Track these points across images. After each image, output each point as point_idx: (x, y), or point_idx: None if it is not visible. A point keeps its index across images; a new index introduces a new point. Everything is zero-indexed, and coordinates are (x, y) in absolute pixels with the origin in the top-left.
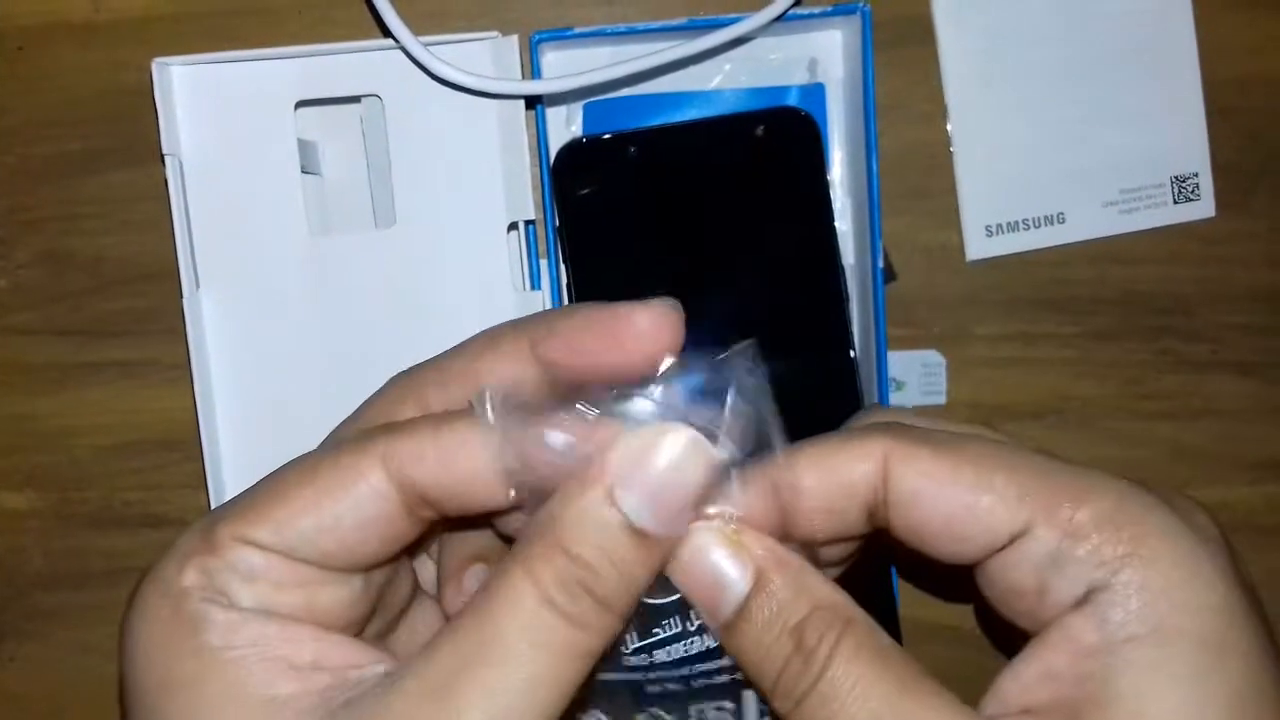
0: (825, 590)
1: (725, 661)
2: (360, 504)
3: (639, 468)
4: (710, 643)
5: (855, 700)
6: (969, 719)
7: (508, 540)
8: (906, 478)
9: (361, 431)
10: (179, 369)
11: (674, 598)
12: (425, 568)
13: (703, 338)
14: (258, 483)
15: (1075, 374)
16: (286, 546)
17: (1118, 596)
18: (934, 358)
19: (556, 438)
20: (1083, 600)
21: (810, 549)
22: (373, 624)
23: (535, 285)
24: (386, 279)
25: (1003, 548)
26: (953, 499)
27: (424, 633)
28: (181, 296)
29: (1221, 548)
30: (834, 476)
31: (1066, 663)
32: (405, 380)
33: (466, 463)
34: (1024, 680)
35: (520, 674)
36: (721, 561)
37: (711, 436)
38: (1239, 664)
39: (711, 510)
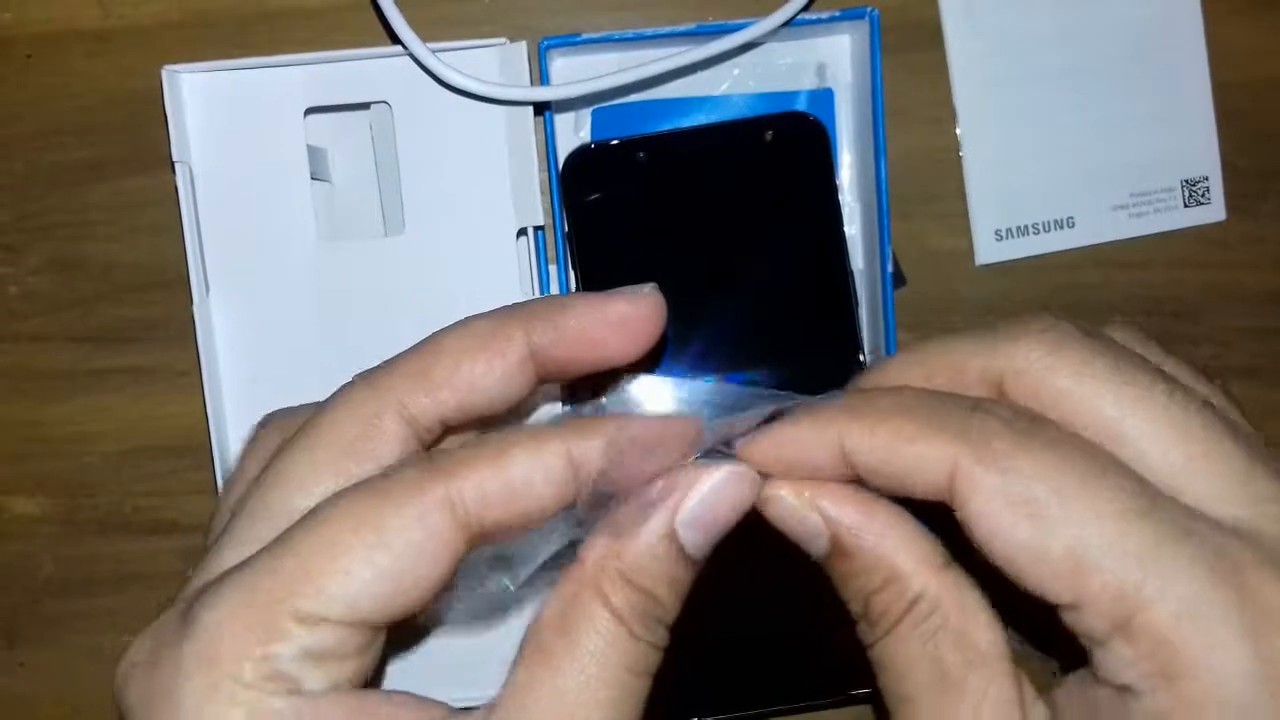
0: (891, 562)
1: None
2: (429, 556)
3: (705, 507)
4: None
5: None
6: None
7: None
8: (975, 500)
9: (408, 469)
10: (189, 375)
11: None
12: None
13: (712, 343)
14: (299, 532)
15: None
16: (356, 618)
17: (1145, 704)
18: None
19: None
20: (1120, 690)
21: None
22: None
23: (544, 291)
24: (396, 285)
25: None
26: (1007, 547)
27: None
28: (191, 303)
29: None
30: (897, 466)
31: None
32: (371, 391)
33: (534, 499)
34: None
35: (619, 698)
36: (802, 522)
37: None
38: None
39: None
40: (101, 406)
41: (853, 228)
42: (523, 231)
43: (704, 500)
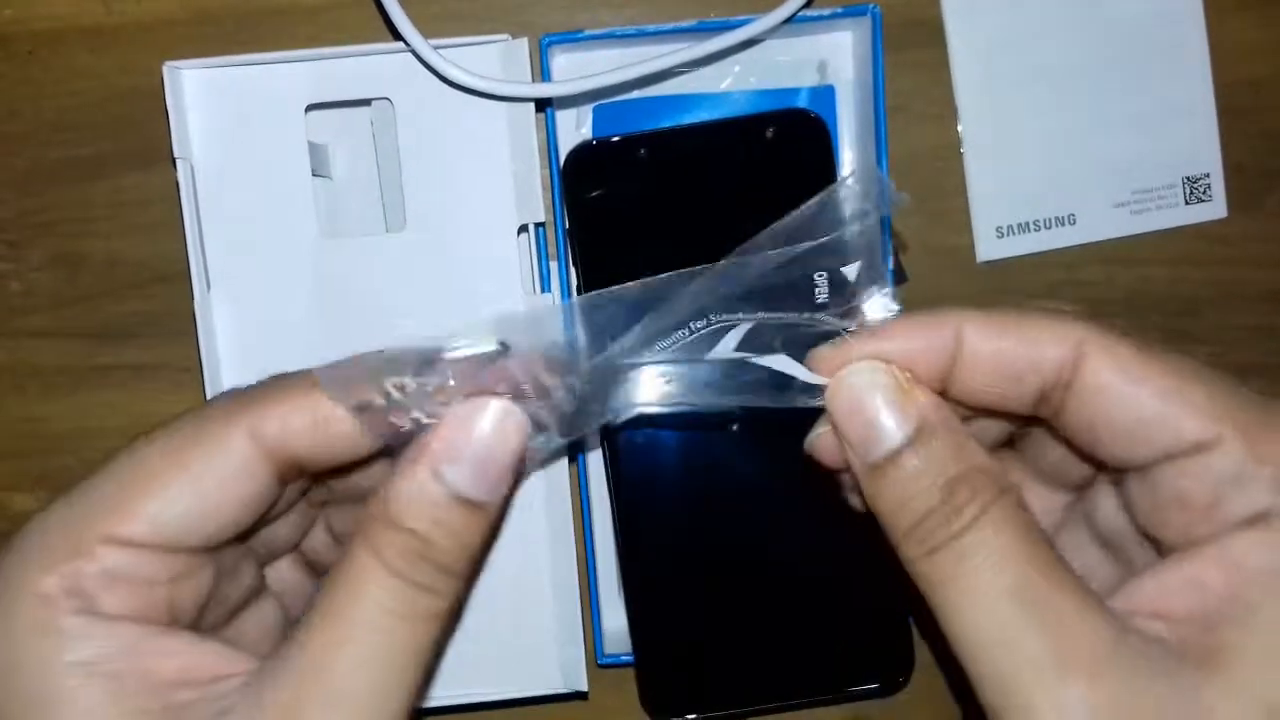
0: (984, 457)
1: None
2: (234, 480)
3: (460, 443)
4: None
5: (992, 566)
6: (1104, 619)
7: None
8: (1102, 370)
9: (219, 405)
10: (190, 371)
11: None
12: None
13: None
14: (108, 469)
15: None
16: (163, 540)
17: None
18: None
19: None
20: (1254, 521)
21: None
22: (211, 613)
23: (545, 288)
24: (397, 282)
25: (1181, 455)
26: (1145, 400)
27: (269, 627)
28: (193, 299)
29: None
30: (1022, 349)
31: (1218, 578)
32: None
33: (342, 433)
34: (1167, 584)
35: (383, 642)
36: (887, 405)
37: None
38: None
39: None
40: (103, 402)
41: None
42: (524, 228)
43: (462, 439)
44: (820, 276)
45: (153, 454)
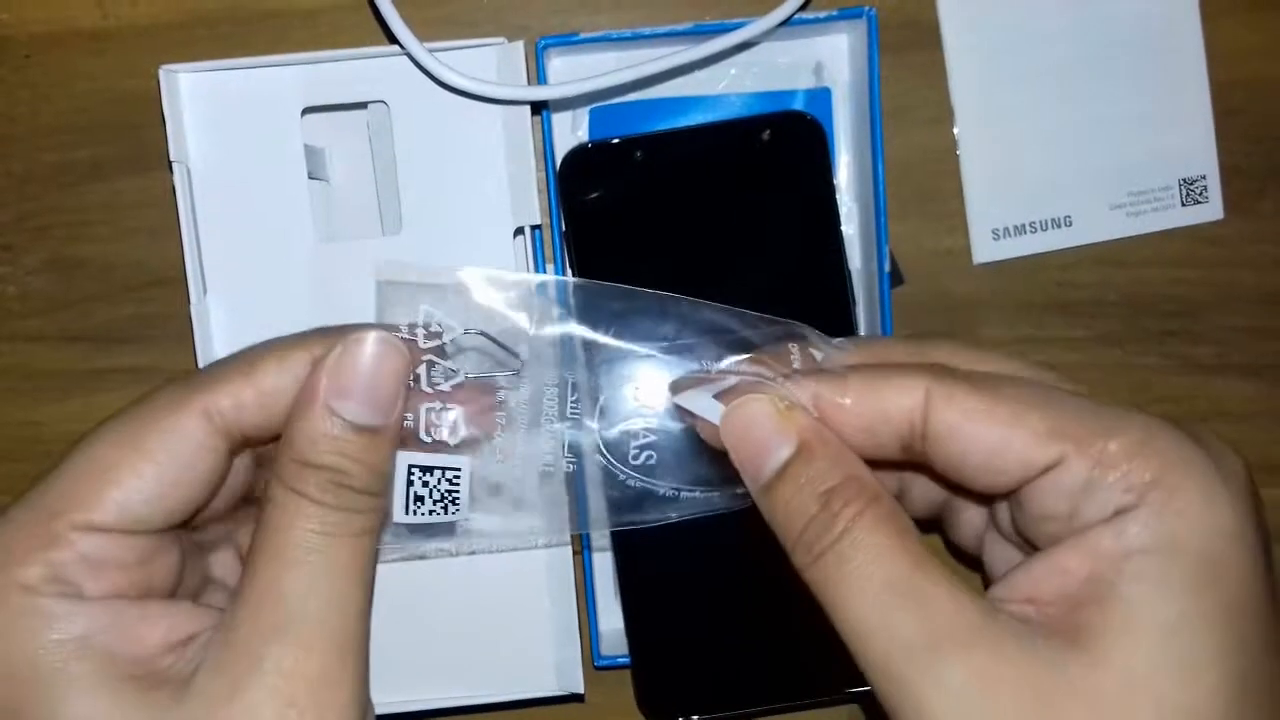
0: (859, 468)
1: None
2: (192, 461)
3: (346, 377)
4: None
5: (869, 564)
6: (973, 600)
7: None
8: (946, 414)
9: (165, 394)
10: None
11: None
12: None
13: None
14: (65, 466)
15: (1083, 377)
16: (130, 523)
17: (1140, 515)
18: None
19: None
20: (1109, 519)
21: None
22: (187, 583)
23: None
24: None
25: (1036, 477)
26: (989, 435)
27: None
28: (189, 302)
29: (1244, 487)
30: (876, 403)
31: (1078, 564)
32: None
33: (282, 395)
34: (1034, 574)
35: (322, 561)
36: (771, 428)
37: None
38: (1236, 584)
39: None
40: (100, 406)
41: (850, 227)
42: (520, 230)
43: (347, 373)
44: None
45: (107, 445)
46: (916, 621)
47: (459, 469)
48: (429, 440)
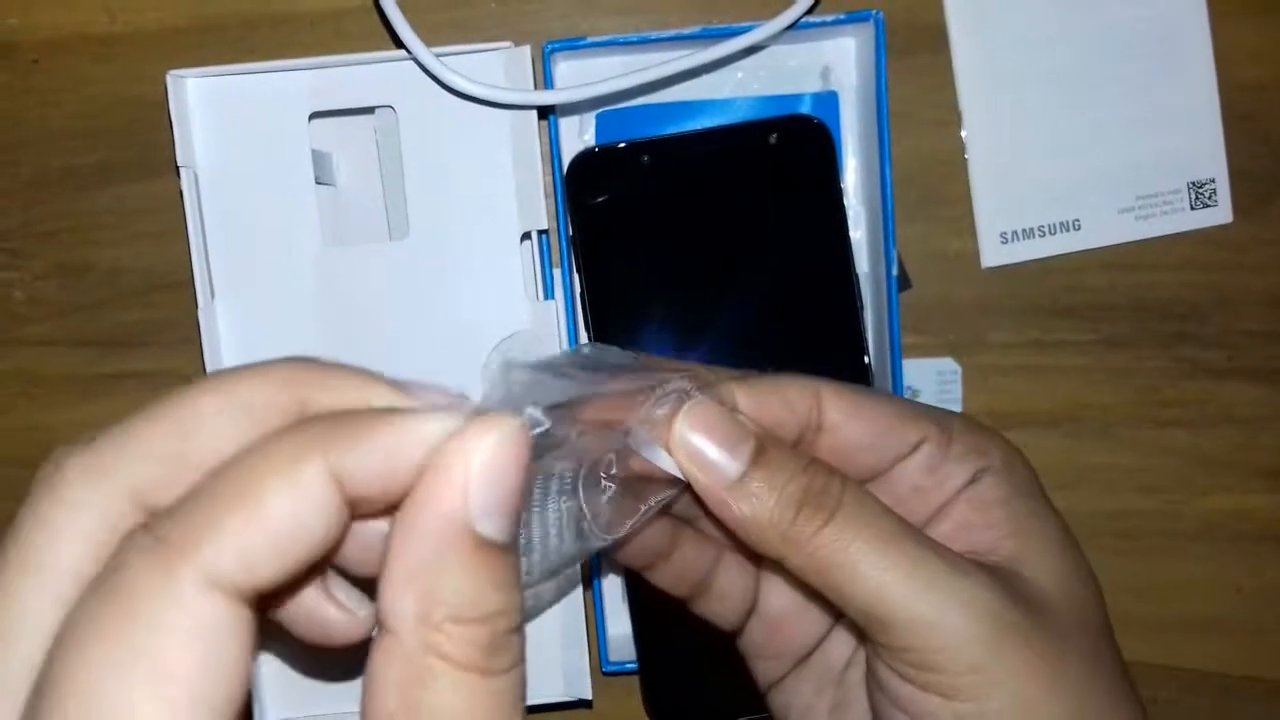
0: (811, 455)
1: None
2: (307, 520)
3: (484, 491)
4: None
5: (863, 538)
6: (958, 555)
7: None
8: (833, 411)
9: (289, 434)
10: (194, 379)
11: None
12: None
13: (716, 346)
14: (197, 498)
15: (1091, 381)
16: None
17: (1000, 475)
18: (949, 365)
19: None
20: (973, 480)
21: None
22: None
23: (549, 295)
24: (400, 289)
25: (905, 456)
26: (866, 427)
27: None
28: (197, 307)
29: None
30: (775, 405)
31: (977, 516)
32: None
33: (409, 458)
34: (951, 538)
35: None
36: (727, 425)
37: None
38: (1041, 499)
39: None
40: (108, 411)
41: (857, 230)
42: (527, 235)
43: (483, 480)
44: None
45: (223, 494)
46: (932, 564)
47: None
48: None
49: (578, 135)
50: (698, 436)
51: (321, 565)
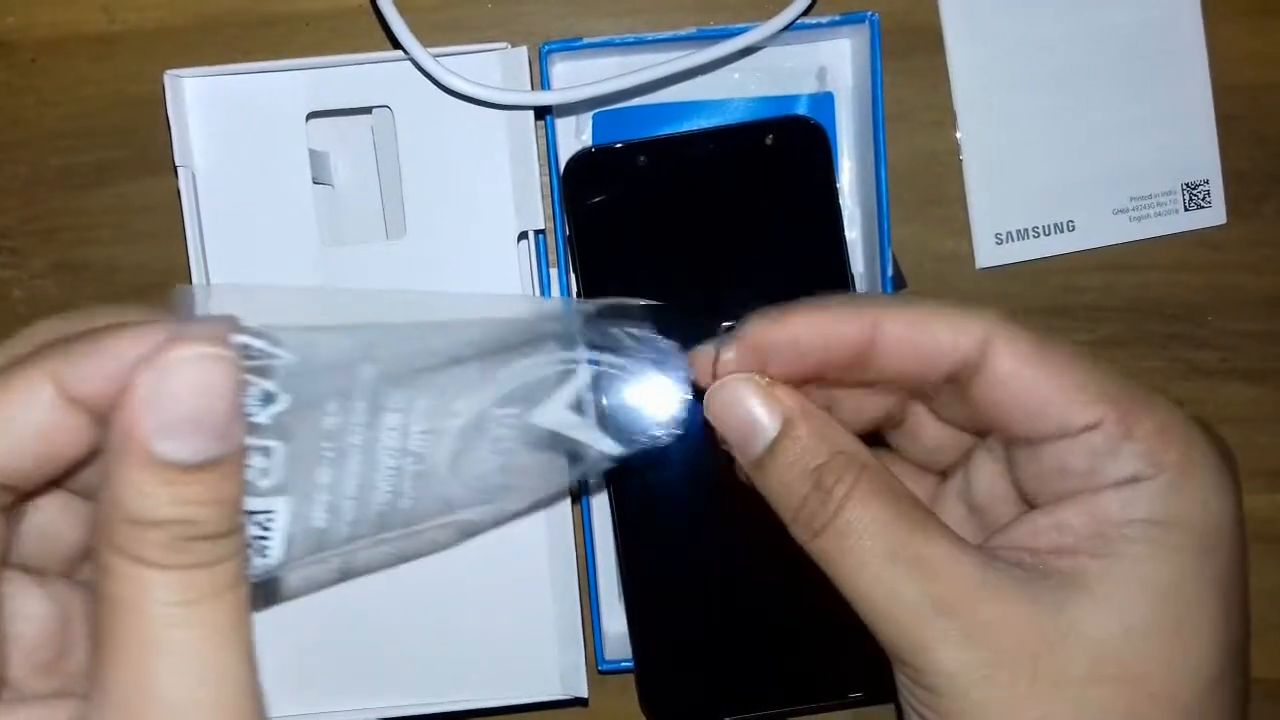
0: (845, 439)
1: None
2: (38, 423)
3: (165, 409)
4: None
5: (869, 538)
6: (970, 555)
7: None
8: (1006, 359)
9: (28, 356)
10: None
11: None
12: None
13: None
14: None
15: None
16: None
17: (1154, 486)
18: None
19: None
20: (1120, 485)
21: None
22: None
23: (545, 294)
24: (397, 289)
25: (1069, 435)
26: (1042, 387)
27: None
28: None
29: (1238, 484)
30: (935, 340)
31: (1082, 521)
32: None
33: (119, 371)
34: (1034, 527)
35: (190, 636)
36: (755, 408)
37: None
38: (1226, 565)
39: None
40: None
41: (853, 231)
42: (523, 235)
43: (164, 407)
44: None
45: None
46: (921, 586)
47: (273, 512)
48: None
49: (574, 135)
50: (719, 419)
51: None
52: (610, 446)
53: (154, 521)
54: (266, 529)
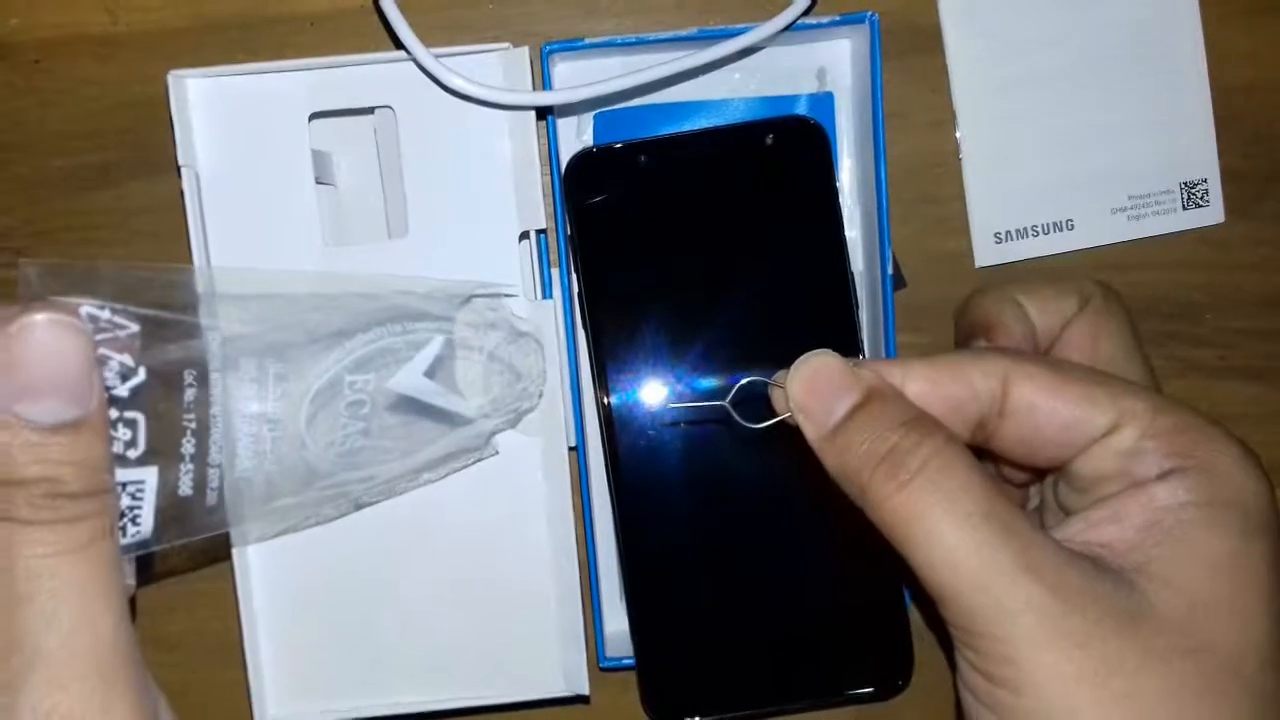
0: (921, 412)
1: None
2: None
3: (19, 373)
4: None
5: (960, 491)
6: (1044, 533)
7: None
8: (1026, 392)
9: None
10: None
11: None
12: None
13: (712, 344)
14: None
15: None
16: None
17: (1190, 475)
18: None
19: None
20: (1160, 477)
21: None
22: None
23: (547, 294)
24: None
25: (1093, 445)
26: (1063, 408)
27: None
28: None
29: (1265, 473)
30: (960, 388)
31: (1136, 511)
32: None
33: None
34: (1093, 520)
35: (57, 589)
36: (839, 377)
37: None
38: (1274, 539)
39: None
40: None
41: (853, 230)
42: (525, 235)
43: (21, 372)
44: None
45: None
46: (1012, 550)
47: (141, 482)
48: None
49: (576, 135)
50: (802, 386)
51: None
52: (469, 409)
53: (19, 481)
54: (137, 499)
